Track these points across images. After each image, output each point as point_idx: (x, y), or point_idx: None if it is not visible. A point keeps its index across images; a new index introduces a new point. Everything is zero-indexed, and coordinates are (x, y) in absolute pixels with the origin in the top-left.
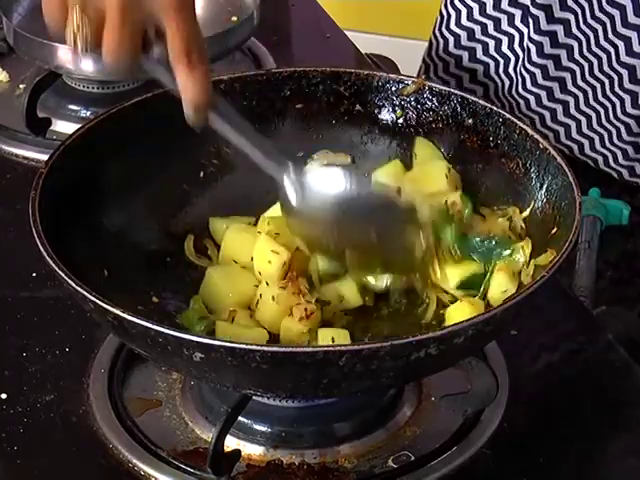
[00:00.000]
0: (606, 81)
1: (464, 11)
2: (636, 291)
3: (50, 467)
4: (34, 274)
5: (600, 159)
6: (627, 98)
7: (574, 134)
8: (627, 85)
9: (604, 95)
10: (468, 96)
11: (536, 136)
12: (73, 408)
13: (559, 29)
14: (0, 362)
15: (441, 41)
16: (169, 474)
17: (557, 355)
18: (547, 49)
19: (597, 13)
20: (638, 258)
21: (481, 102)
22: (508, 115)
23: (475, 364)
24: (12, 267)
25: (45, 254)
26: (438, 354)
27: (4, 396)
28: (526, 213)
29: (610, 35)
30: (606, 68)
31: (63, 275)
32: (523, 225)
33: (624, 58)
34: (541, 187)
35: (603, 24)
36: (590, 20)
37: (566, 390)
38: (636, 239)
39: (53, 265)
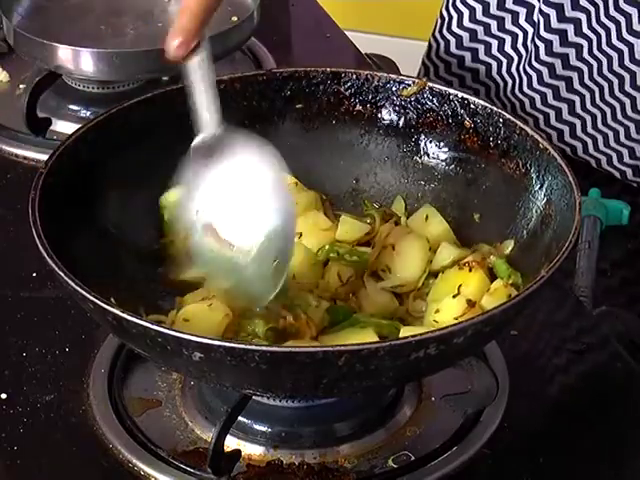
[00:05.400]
0: (615, 80)
1: (466, 13)
2: (636, 291)
3: (50, 467)
4: (34, 274)
5: (603, 159)
6: (638, 96)
7: (579, 132)
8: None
9: (612, 95)
10: (468, 96)
11: (536, 136)
12: (73, 408)
13: (570, 28)
14: (0, 362)
15: (442, 43)
16: (169, 474)
17: (557, 355)
18: (556, 47)
19: (612, 12)
20: (638, 258)
21: (481, 102)
22: (508, 115)
23: (475, 364)
24: (12, 267)
25: (45, 254)
26: (438, 354)
27: (4, 396)
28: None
29: (624, 34)
30: (616, 67)
31: (63, 275)
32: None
33: (639, 56)
34: (541, 187)
35: (617, 23)
36: (604, 19)
37: (566, 390)
38: (637, 239)
39: (53, 265)
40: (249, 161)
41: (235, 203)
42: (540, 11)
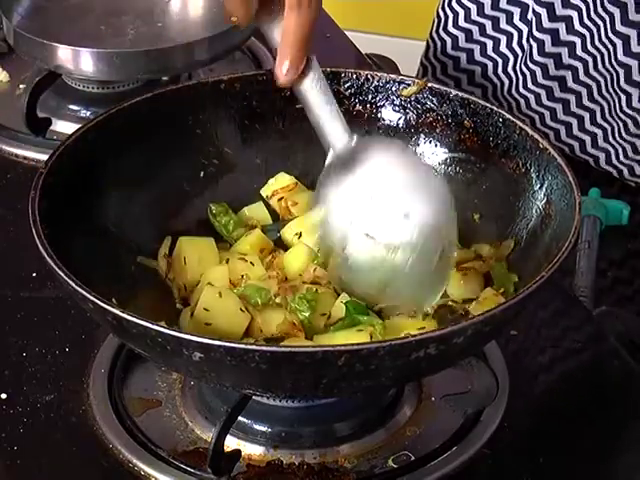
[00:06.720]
0: (608, 76)
1: (462, 13)
2: (636, 291)
3: (50, 467)
4: (34, 274)
5: (602, 156)
6: (635, 92)
7: (575, 131)
8: (636, 77)
9: (608, 90)
10: (468, 96)
11: (536, 136)
12: (73, 408)
13: (561, 26)
14: (0, 362)
15: (439, 43)
16: (169, 474)
17: (557, 355)
18: (548, 47)
19: (599, 10)
20: (638, 258)
21: (481, 102)
22: (508, 115)
23: (475, 364)
24: (12, 267)
25: (45, 254)
26: (438, 354)
27: (4, 396)
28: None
29: (618, 26)
30: (607, 65)
31: (63, 275)
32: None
33: (635, 47)
34: (541, 187)
35: (604, 20)
36: (593, 15)
37: (566, 390)
38: (637, 239)
39: (53, 265)
40: (390, 161)
41: (386, 204)
42: (533, 10)
